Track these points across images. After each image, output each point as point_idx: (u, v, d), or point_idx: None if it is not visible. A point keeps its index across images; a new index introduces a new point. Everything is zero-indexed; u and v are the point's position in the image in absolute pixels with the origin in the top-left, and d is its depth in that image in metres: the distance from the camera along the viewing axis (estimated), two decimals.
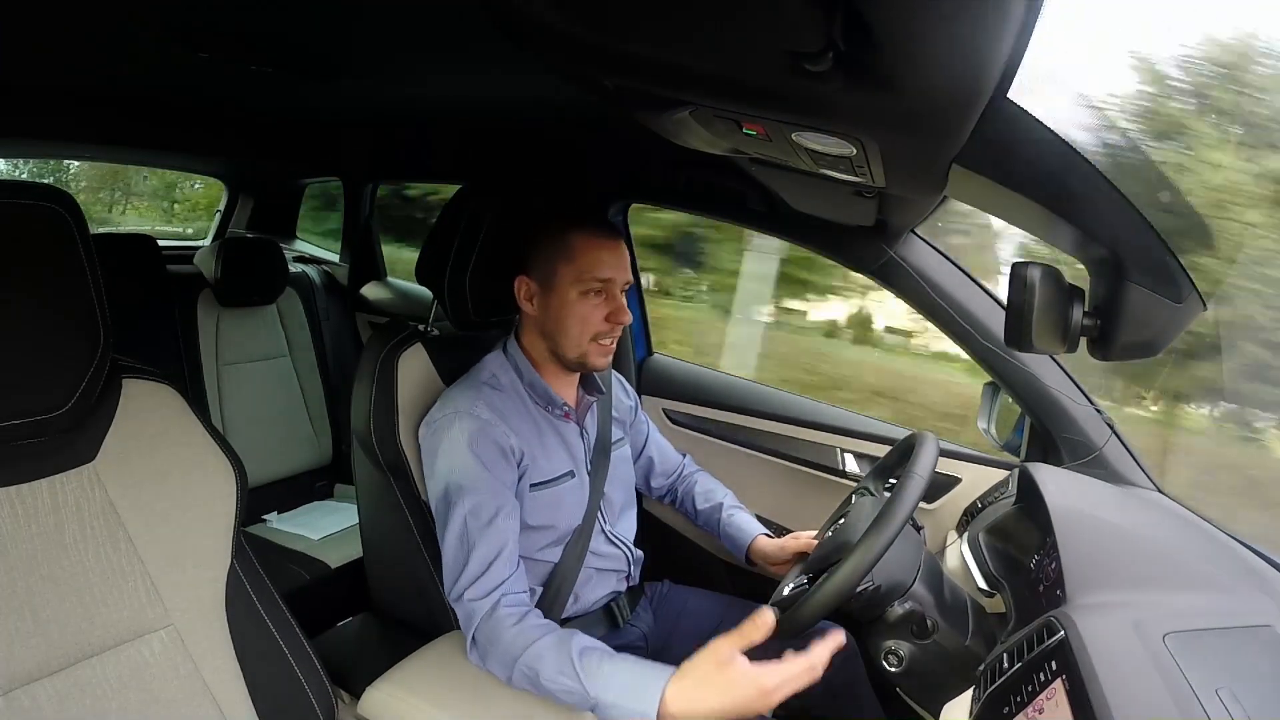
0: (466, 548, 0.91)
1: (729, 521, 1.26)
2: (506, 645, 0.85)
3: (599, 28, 0.54)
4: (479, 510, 0.92)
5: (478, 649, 0.89)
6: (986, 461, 1.31)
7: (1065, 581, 0.77)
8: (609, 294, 1.01)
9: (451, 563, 0.92)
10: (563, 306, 1.00)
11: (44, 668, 0.69)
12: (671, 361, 1.71)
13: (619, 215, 1.65)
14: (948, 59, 0.43)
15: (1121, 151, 1.03)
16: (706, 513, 1.29)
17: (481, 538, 0.91)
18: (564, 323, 1.01)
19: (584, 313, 1.00)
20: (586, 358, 1.02)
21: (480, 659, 0.89)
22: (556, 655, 0.82)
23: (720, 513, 1.28)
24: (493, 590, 0.89)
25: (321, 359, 2.09)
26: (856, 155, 0.66)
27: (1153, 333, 0.69)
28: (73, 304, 0.69)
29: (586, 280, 0.99)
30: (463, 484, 0.93)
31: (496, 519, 0.92)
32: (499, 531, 0.92)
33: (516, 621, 0.87)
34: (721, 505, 1.28)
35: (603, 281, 0.99)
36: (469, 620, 0.90)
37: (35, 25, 0.97)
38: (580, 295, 0.99)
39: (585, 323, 1.00)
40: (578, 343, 1.01)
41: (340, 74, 1.19)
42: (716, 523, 1.27)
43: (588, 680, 0.80)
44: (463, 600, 0.90)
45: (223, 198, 2.52)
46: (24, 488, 0.71)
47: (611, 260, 1.00)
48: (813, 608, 0.83)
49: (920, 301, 1.23)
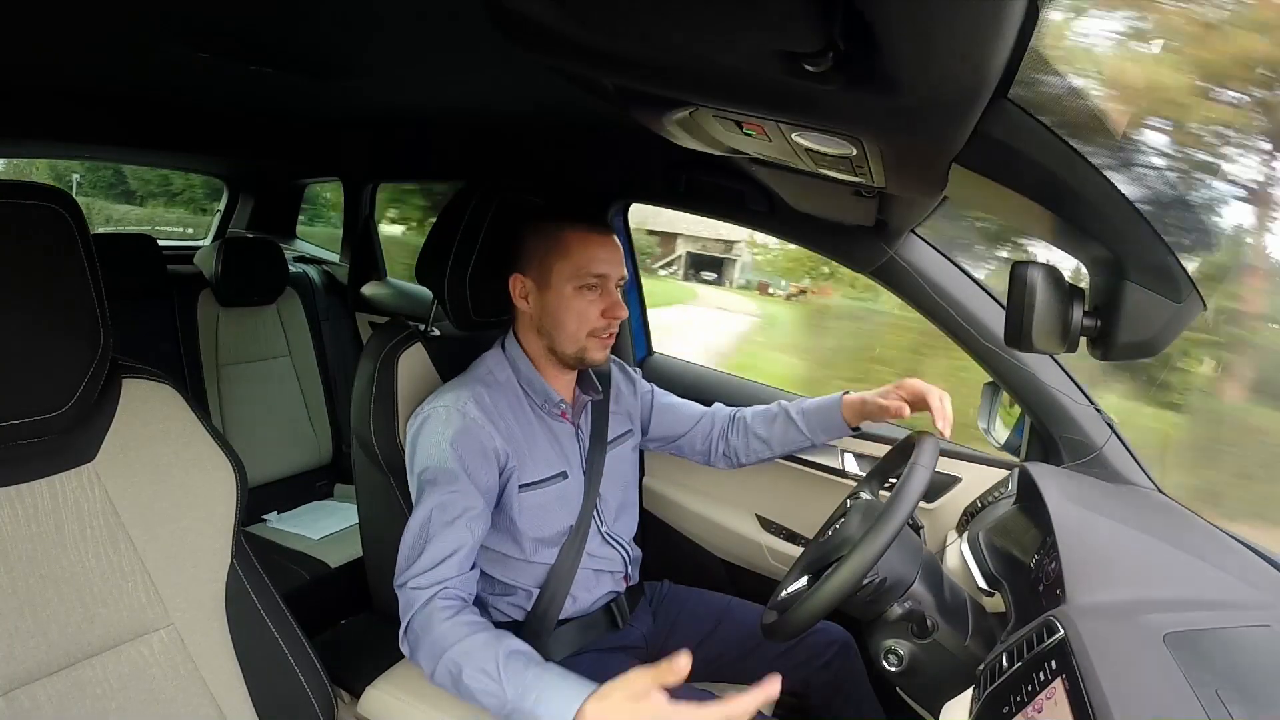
0: (424, 540, 0.91)
1: (805, 415, 1.17)
2: (437, 638, 0.84)
3: (599, 28, 0.54)
4: (445, 507, 0.92)
5: (409, 638, 0.88)
6: (986, 461, 1.31)
7: (1065, 581, 0.77)
8: (604, 289, 1.01)
9: (406, 552, 0.92)
10: (559, 303, 1.00)
11: (44, 668, 0.70)
12: (672, 361, 1.71)
13: (619, 215, 1.65)
14: (948, 59, 0.43)
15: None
16: (780, 433, 1.19)
17: (440, 534, 0.91)
18: (560, 319, 1.01)
19: (580, 308, 1.00)
20: (585, 352, 1.03)
21: (410, 650, 0.88)
22: (482, 654, 0.81)
23: (789, 416, 1.19)
24: (435, 583, 0.88)
25: (321, 359, 2.10)
26: (856, 155, 0.67)
27: (1153, 332, 0.69)
28: (73, 304, 0.69)
29: (582, 275, 0.99)
30: (436, 479, 0.93)
31: (459, 520, 0.92)
32: (458, 533, 0.91)
33: (452, 615, 0.86)
34: (785, 410, 1.20)
35: (598, 277, 1.00)
36: (407, 607, 0.89)
37: (35, 25, 0.97)
38: (576, 291, 1.00)
39: (582, 318, 1.01)
40: (575, 338, 1.02)
41: (340, 74, 1.19)
42: (796, 429, 1.18)
43: (508, 683, 0.78)
44: (405, 587, 0.89)
45: (223, 198, 2.53)
46: (24, 487, 0.71)
47: (606, 256, 1.00)
48: (812, 608, 0.83)
49: (920, 301, 1.23)
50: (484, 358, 1.07)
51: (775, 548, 1.45)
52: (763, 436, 1.21)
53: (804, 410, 1.18)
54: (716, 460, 1.26)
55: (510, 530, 1.02)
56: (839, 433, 1.18)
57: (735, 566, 1.53)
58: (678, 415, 1.26)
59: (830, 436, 1.19)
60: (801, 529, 1.45)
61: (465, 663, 0.81)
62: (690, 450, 1.27)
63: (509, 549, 1.03)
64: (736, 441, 1.24)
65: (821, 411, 1.17)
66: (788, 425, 1.19)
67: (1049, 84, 0.57)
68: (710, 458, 1.26)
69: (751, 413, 1.24)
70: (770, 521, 1.48)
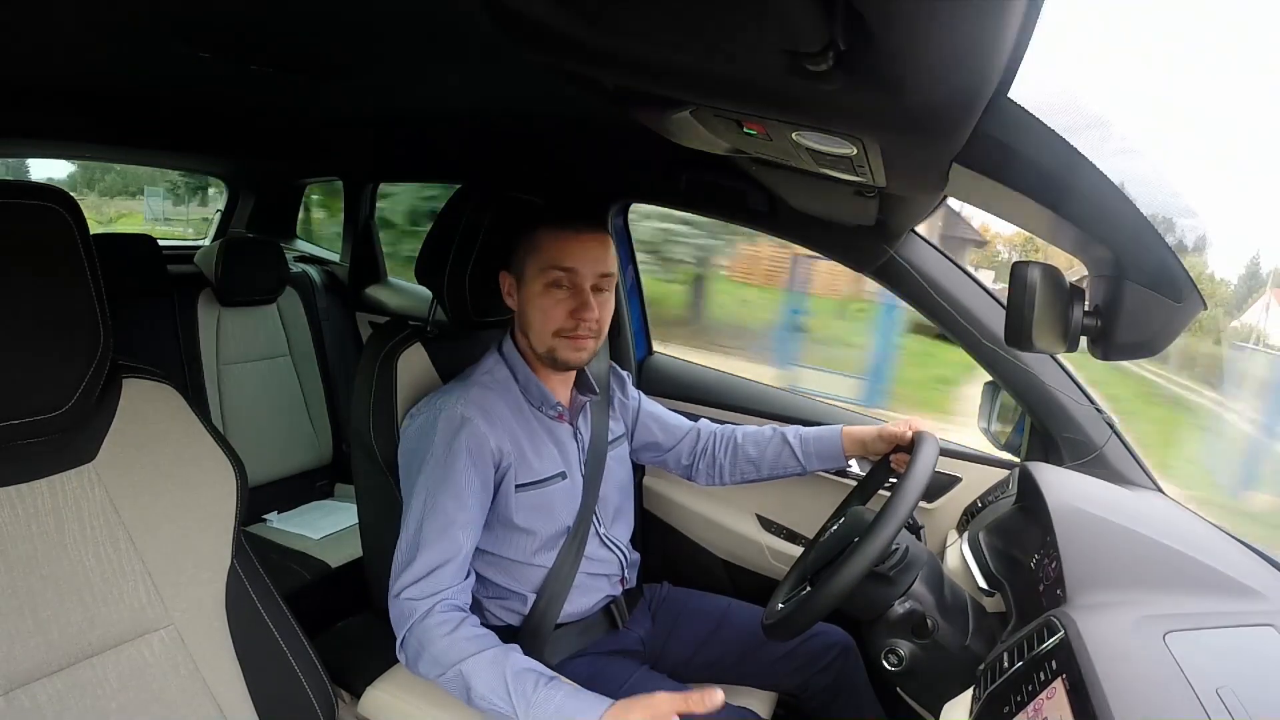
0: (416, 547, 0.90)
1: (803, 442, 1.17)
2: (438, 654, 0.84)
3: (599, 28, 0.54)
4: (438, 512, 0.91)
5: (406, 651, 0.88)
6: (986, 461, 1.31)
7: (1065, 581, 0.78)
8: (574, 286, 0.98)
9: (400, 558, 0.91)
10: (528, 300, 0.99)
11: (44, 668, 0.70)
12: (672, 361, 1.71)
13: (619, 215, 1.65)
14: (949, 59, 0.43)
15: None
16: (772, 456, 1.19)
17: (434, 541, 0.90)
18: (528, 316, 1.00)
19: (546, 306, 0.97)
20: (554, 352, 0.99)
21: (409, 661, 0.88)
22: (490, 674, 0.81)
23: (786, 441, 1.18)
24: (431, 595, 0.88)
25: (322, 359, 2.09)
26: (857, 155, 0.66)
27: (1153, 332, 0.69)
28: (73, 304, 0.69)
29: (548, 272, 0.97)
30: (430, 484, 0.93)
31: (452, 528, 0.91)
32: (452, 540, 0.91)
33: (451, 629, 0.85)
34: (782, 435, 1.19)
35: (564, 271, 0.96)
36: (401, 619, 0.88)
37: (35, 25, 0.97)
38: (544, 288, 0.97)
39: (547, 315, 0.98)
40: (542, 336, 0.99)
41: (340, 74, 1.19)
42: (791, 454, 1.18)
43: (519, 704, 0.79)
44: (399, 598, 0.89)
45: (223, 197, 2.53)
46: (24, 488, 0.71)
47: (577, 250, 0.97)
48: (814, 606, 0.83)
49: (920, 301, 1.23)
50: (482, 359, 1.07)
51: (775, 548, 1.45)
52: (753, 458, 1.21)
53: (802, 438, 1.19)
54: (698, 476, 1.26)
55: (509, 532, 1.01)
56: (836, 465, 1.20)
57: (735, 566, 1.53)
58: (664, 426, 1.26)
59: (825, 467, 1.21)
60: (802, 529, 1.45)
61: (474, 683, 0.82)
62: (675, 463, 1.27)
63: (508, 551, 1.03)
64: (724, 460, 1.23)
65: (821, 442, 1.17)
66: (782, 450, 1.19)
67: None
68: (692, 473, 1.27)
69: (743, 432, 1.24)
70: (770, 521, 1.48)
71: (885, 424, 1.14)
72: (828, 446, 1.17)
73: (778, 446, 1.20)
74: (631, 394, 1.26)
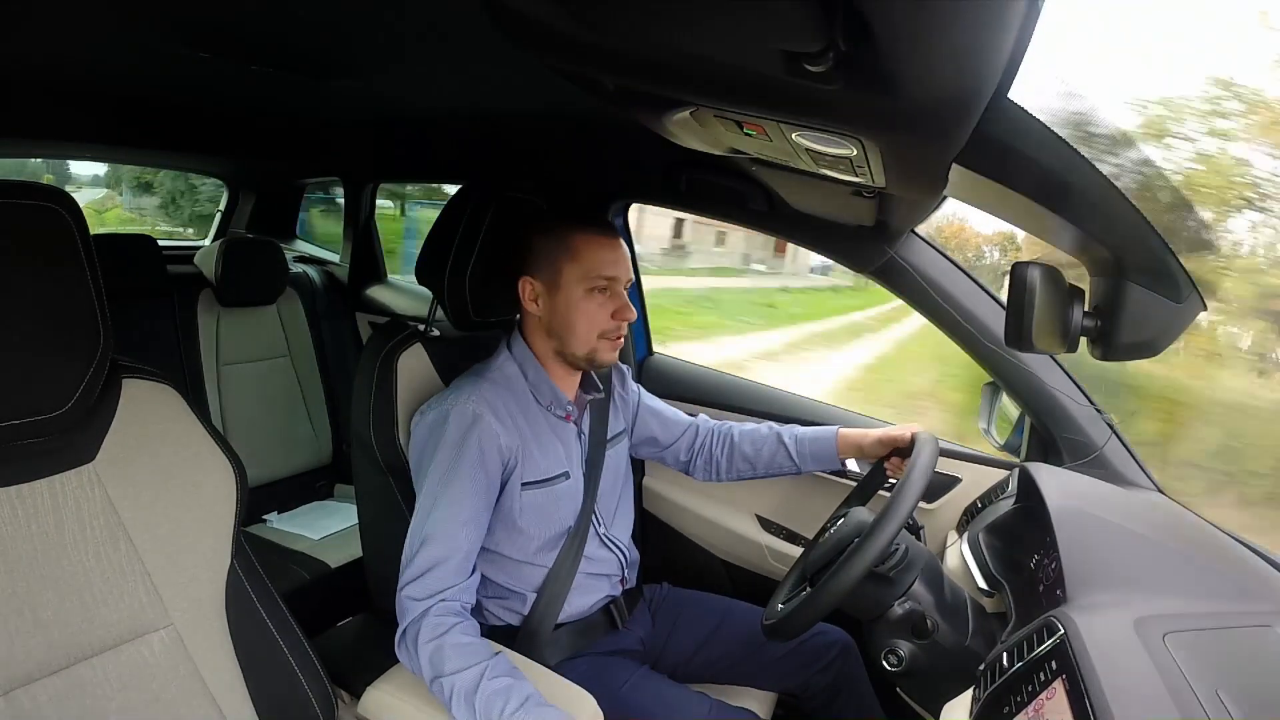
0: (419, 541, 0.92)
1: (798, 442, 1.20)
2: (424, 660, 0.86)
3: (599, 28, 0.54)
4: (441, 509, 0.92)
5: (404, 648, 0.90)
6: (986, 461, 1.31)
7: (1065, 581, 0.78)
8: (613, 291, 1.02)
9: (405, 554, 0.93)
10: (569, 306, 1.01)
11: (44, 668, 0.69)
12: (672, 361, 1.71)
13: (619, 215, 1.65)
14: (948, 59, 0.43)
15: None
16: (768, 456, 1.21)
17: (435, 538, 0.91)
18: (571, 321, 1.01)
19: (590, 311, 1.01)
20: (596, 354, 1.03)
21: (407, 658, 0.90)
22: (466, 701, 0.82)
23: (781, 441, 1.21)
24: (429, 595, 0.89)
25: (321, 359, 2.09)
26: (856, 155, 0.66)
27: (1153, 332, 0.69)
28: (73, 304, 0.69)
29: (592, 278, 1.00)
30: (436, 481, 0.94)
31: (454, 525, 0.92)
32: (452, 538, 0.92)
33: (438, 635, 0.87)
34: (777, 434, 1.22)
35: (608, 279, 1.01)
36: (400, 617, 0.90)
37: (36, 25, 0.97)
38: (586, 294, 1.01)
39: (592, 320, 1.01)
40: (586, 340, 1.02)
41: (341, 74, 1.19)
42: (786, 454, 1.20)
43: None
44: (400, 595, 0.91)
45: (223, 197, 2.53)
46: (24, 488, 0.71)
47: (614, 259, 1.01)
48: (815, 606, 0.83)
49: (920, 301, 1.23)
50: (491, 359, 1.07)
51: (775, 548, 1.45)
52: (749, 456, 1.23)
53: (797, 438, 1.21)
54: (696, 471, 1.28)
55: (511, 531, 1.02)
56: (830, 466, 1.22)
57: (735, 567, 1.53)
58: (663, 421, 1.27)
59: (820, 468, 1.23)
60: (801, 529, 1.45)
61: (453, 699, 0.83)
62: (674, 459, 1.29)
63: (509, 551, 1.03)
64: (720, 456, 1.25)
65: (817, 443, 1.19)
66: (777, 450, 1.21)
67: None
68: (691, 468, 1.28)
69: (740, 430, 1.26)
70: (770, 521, 1.48)
71: (885, 427, 1.15)
72: (822, 448, 1.19)
73: (773, 446, 1.22)
74: (631, 388, 1.26)
